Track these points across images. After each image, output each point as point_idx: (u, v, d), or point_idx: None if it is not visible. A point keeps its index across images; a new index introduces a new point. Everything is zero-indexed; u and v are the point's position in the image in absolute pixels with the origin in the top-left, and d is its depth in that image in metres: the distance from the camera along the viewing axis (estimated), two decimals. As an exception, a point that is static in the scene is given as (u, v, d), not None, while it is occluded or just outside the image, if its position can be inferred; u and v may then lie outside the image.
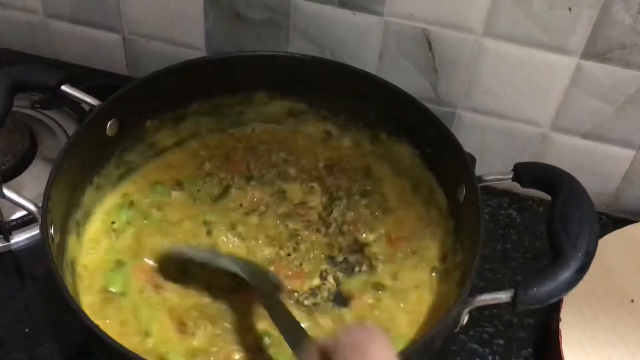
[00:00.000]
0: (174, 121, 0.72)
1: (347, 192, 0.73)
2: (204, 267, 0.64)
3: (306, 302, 0.64)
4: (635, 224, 0.76)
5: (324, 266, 0.67)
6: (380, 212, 0.71)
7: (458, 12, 0.72)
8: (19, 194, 0.60)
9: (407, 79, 0.76)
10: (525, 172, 0.62)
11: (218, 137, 0.76)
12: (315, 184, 0.73)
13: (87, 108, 0.67)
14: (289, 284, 0.65)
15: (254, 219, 0.70)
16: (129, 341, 0.58)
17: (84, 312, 0.52)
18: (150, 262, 0.65)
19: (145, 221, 0.68)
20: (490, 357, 0.68)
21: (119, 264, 0.65)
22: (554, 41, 0.71)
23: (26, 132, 0.78)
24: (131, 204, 0.70)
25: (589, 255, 0.54)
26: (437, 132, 0.67)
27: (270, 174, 0.74)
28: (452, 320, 0.56)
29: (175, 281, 0.64)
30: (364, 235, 0.69)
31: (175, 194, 0.71)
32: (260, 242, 0.68)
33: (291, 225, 0.69)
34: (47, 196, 0.57)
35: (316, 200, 0.72)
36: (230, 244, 0.67)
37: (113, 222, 0.68)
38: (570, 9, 0.68)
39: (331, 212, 0.71)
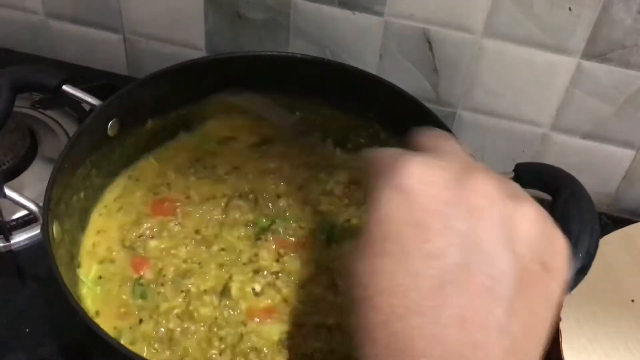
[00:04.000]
0: (175, 121, 0.72)
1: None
2: None
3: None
4: (635, 224, 0.76)
5: None
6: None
7: (458, 12, 0.72)
8: (20, 193, 0.60)
9: (408, 79, 0.76)
10: (526, 173, 0.62)
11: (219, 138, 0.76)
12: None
13: (87, 108, 0.67)
14: None
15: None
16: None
17: (84, 312, 0.52)
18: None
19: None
20: (490, 357, 0.68)
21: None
22: (554, 41, 0.71)
23: (27, 132, 0.78)
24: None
25: (590, 256, 0.54)
26: (438, 132, 0.67)
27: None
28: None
29: None
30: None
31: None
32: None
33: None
34: (48, 196, 0.57)
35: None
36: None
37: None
38: (570, 9, 0.68)
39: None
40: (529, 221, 0.38)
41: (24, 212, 0.71)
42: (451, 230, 0.37)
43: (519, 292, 0.36)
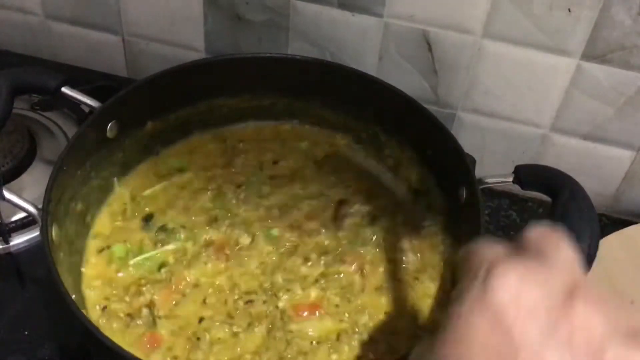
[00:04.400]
0: (174, 123, 0.72)
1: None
2: None
3: None
4: (635, 225, 0.76)
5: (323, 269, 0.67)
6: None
7: (458, 14, 0.72)
8: (19, 195, 0.60)
9: (407, 81, 0.76)
10: (526, 175, 0.62)
11: (218, 138, 0.76)
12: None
13: (87, 110, 0.67)
14: None
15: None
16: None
17: (83, 314, 0.52)
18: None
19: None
20: (490, 359, 0.68)
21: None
22: (554, 42, 0.71)
23: (26, 134, 0.78)
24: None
25: (590, 258, 0.54)
26: (437, 134, 0.66)
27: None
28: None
29: None
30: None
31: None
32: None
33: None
34: (47, 198, 0.57)
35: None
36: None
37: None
38: (569, 10, 0.68)
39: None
40: None
41: (23, 214, 0.71)
42: None
43: None
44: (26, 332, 0.66)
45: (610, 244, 0.72)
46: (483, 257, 0.37)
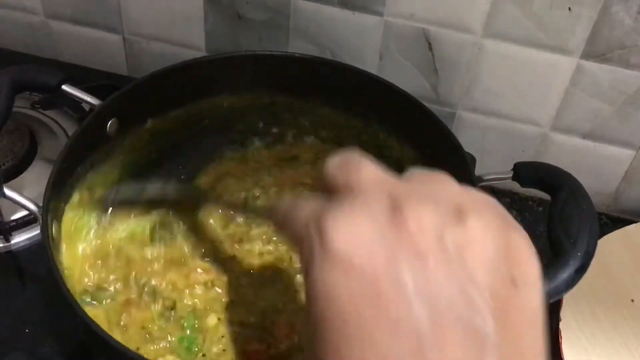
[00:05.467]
0: (175, 121, 0.72)
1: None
2: None
3: None
4: (635, 224, 0.76)
5: None
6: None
7: (458, 13, 0.72)
8: (20, 193, 0.60)
9: (407, 79, 0.77)
10: (525, 172, 0.62)
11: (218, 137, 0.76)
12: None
13: (87, 108, 0.67)
14: None
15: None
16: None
17: (84, 312, 0.52)
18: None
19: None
20: (490, 357, 0.68)
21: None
22: (554, 41, 0.71)
23: (26, 132, 0.78)
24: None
25: (589, 255, 0.54)
26: (437, 132, 0.67)
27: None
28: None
29: None
30: None
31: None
32: None
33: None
34: (47, 196, 0.57)
35: None
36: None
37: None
38: (570, 9, 0.68)
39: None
40: (479, 239, 0.33)
41: (23, 213, 0.71)
42: (404, 289, 0.31)
43: (499, 324, 0.32)
44: (27, 330, 0.66)
45: (610, 243, 0.72)
46: (304, 219, 0.35)
